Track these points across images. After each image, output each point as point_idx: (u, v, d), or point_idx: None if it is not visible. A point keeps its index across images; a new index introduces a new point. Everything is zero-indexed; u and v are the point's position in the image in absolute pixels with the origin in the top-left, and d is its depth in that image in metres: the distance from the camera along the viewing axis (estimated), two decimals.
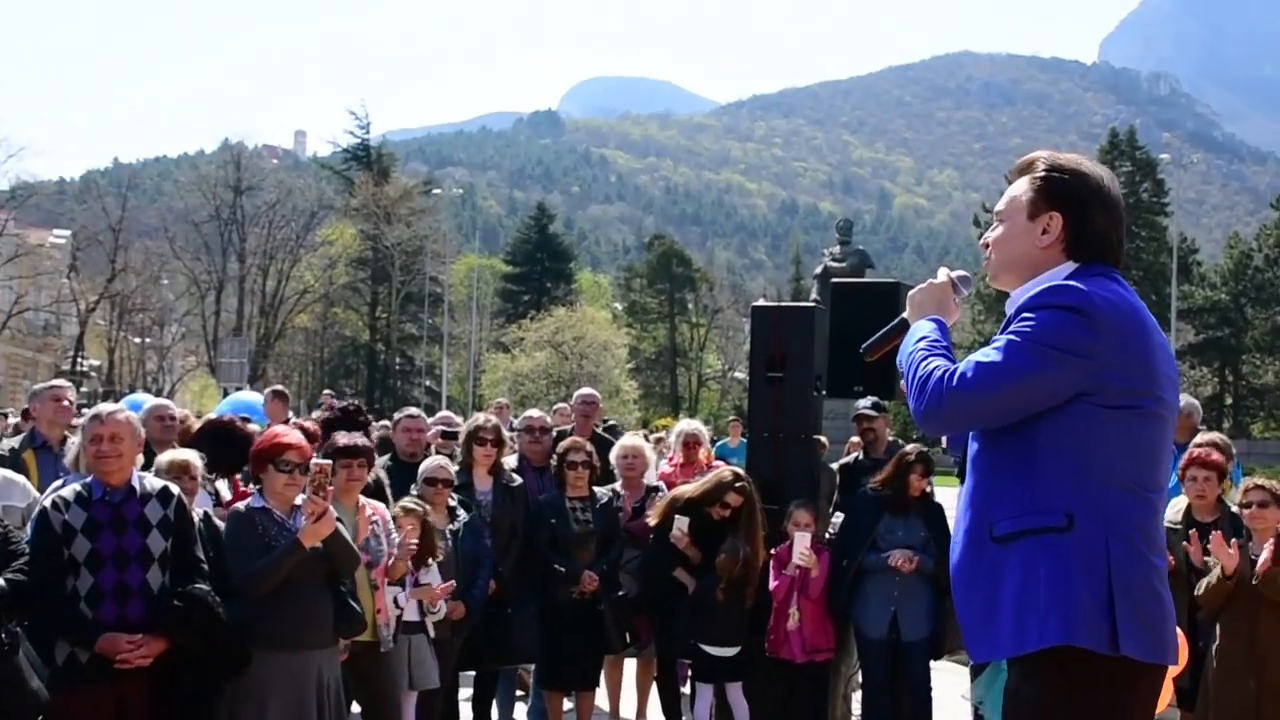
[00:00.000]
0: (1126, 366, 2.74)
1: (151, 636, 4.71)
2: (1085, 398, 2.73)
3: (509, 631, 7.06)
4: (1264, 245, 60.28)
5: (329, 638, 5.28)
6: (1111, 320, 2.74)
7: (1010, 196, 3.03)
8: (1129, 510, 2.74)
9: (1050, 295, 2.79)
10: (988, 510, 2.84)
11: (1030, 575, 2.72)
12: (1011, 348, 2.75)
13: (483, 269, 70.46)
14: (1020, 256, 2.97)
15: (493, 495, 7.36)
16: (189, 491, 5.45)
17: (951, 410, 2.78)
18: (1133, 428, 2.76)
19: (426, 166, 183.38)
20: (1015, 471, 2.81)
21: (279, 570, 5.04)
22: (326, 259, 61.87)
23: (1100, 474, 2.73)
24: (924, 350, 2.92)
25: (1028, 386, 2.73)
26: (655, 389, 70.20)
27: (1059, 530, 2.72)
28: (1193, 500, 6.47)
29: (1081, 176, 2.96)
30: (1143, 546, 2.74)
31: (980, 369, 2.75)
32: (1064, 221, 2.92)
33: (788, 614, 6.97)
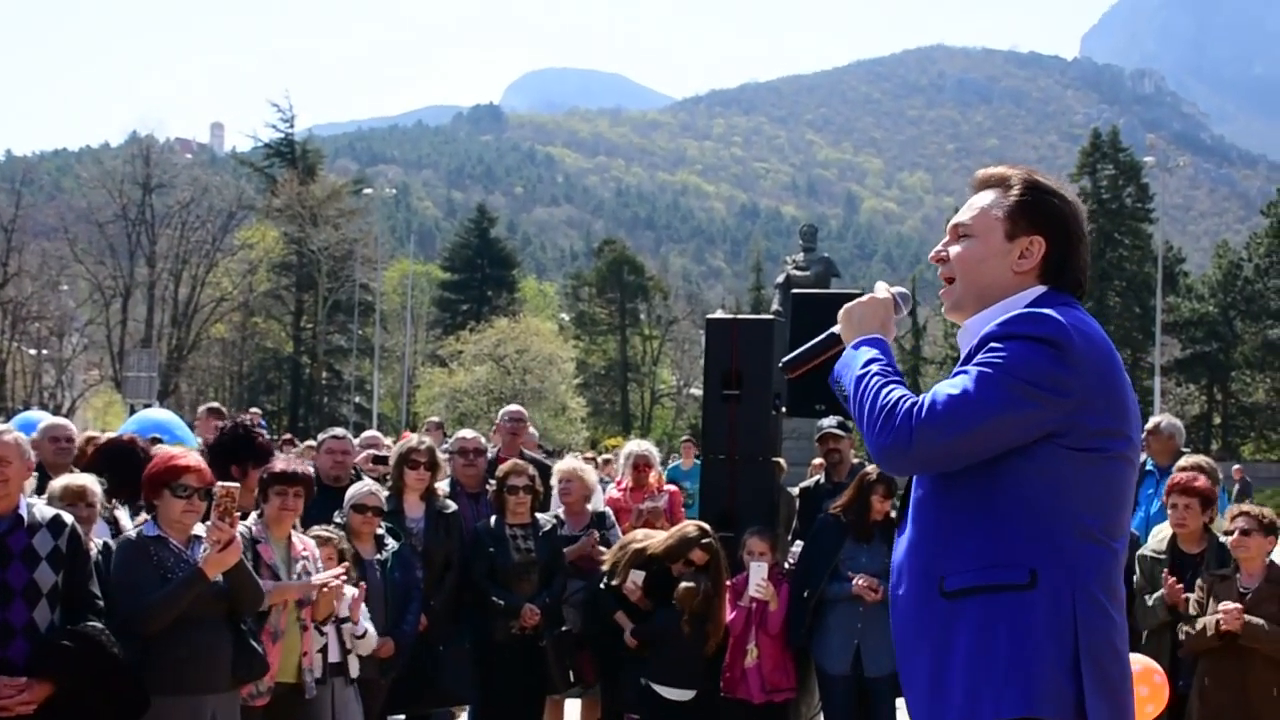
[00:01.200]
0: (1100, 405, 2.67)
1: (36, 680, 4.60)
2: (1053, 439, 2.64)
3: (441, 671, 7.01)
4: (1254, 254, 61.18)
5: (226, 681, 5.19)
6: (1087, 354, 2.66)
7: (980, 209, 2.92)
8: (1095, 563, 2.66)
9: (1022, 324, 2.69)
10: (938, 561, 2.74)
11: (986, 638, 2.62)
12: (983, 381, 2.64)
13: (418, 276, 70.18)
14: (991, 281, 2.87)
15: (425, 523, 7.31)
16: (86, 520, 5.36)
17: (920, 448, 2.65)
18: (1101, 473, 2.68)
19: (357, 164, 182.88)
20: (971, 520, 2.70)
21: (177, 603, 4.95)
22: (246, 264, 61.39)
23: (1066, 524, 2.65)
24: (880, 376, 2.78)
25: (1000, 425, 2.62)
26: (605, 406, 70.16)
27: (1021, 588, 2.62)
28: (1176, 529, 6.52)
29: (1065, 201, 2.90)
30: (1107, 603, 2.66)
31: (951, 403, 2.63)
32: (1046, 247, 2.84)
33: (745, 650, 6.97)
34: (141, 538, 5.17)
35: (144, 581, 5.02)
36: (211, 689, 5.12)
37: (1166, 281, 54.02)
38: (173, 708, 4.94)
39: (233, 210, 61.47)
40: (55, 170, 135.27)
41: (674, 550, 6.99)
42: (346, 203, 64.79)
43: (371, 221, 68.48)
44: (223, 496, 5.00)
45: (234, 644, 5.19)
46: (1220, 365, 60.50)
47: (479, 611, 7.26)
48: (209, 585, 5.02)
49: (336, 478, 7.55)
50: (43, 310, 58.02)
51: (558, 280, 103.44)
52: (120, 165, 63.08)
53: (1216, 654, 5.95)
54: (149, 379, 35.15)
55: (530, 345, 53.74)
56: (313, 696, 5.86)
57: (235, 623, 5.22)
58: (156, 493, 5.20)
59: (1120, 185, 62.91)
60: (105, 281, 59.02)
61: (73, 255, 59.07)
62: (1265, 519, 6.06)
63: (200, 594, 4.99)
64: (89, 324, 61.73)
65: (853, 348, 2.92)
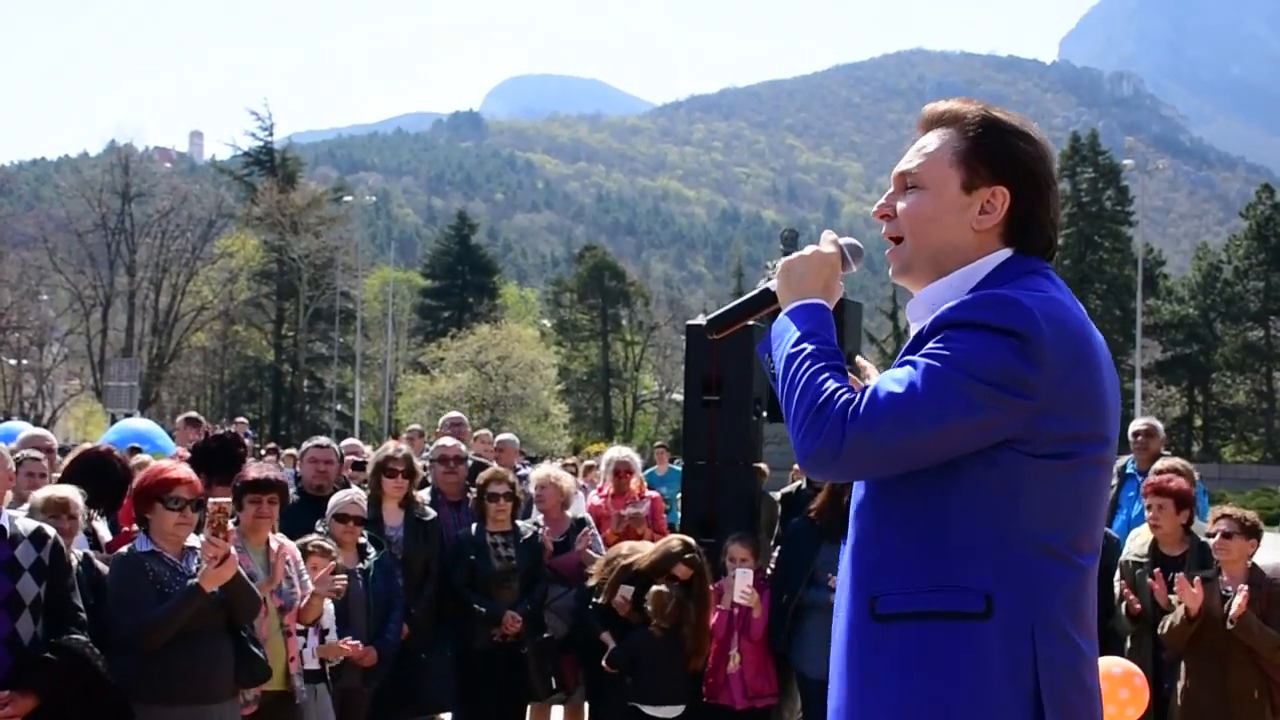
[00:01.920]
0: (1070, 406, 2.26)
1: (19, 693, 4.57)
2: (1014, 444, 2.24)
3: (423, 679, 7.01)
4: (1234, 256, 61.52)
5: (229, 689, 5.21)
6: (1057, 346, 2.24)
7: (929, 155, 2.45)
8: (1058, 584, 2.26)
9: (979, 310, 2.26)
10: (874, 578, 2.33)
11: (926, 677, 2.22)
12: (933, 379, 2.22)
13: (399, 283, 70.08)
14: (946, 241, 2.42)
15: (404, 531, 7.30)
16: (68, 532, 5.33)
17: (852, 456, 2.24)
18: (1069, 481, 2.27)
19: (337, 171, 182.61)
20: (915, 532, 2.29)
21: (177, 619, 4.96)
22: (226, 272, 61.23)
23: (1026, 540, 2.24)
24: (812, 362, 2.33)
25: (951, 432, 2.21)
26: (587, 412, 70.21)
27: (974, 617, 2.22)
28: (1152, 530, 6.55)
29: (1032, 141, 2.44)
30: (1072, 630, 2.27)
31: (892, 403, 2.22)
32: (1011, 199, 2.40)
33: (728, 656, 6.97)
34: (135, 553, 5.15)
35: (141, 597, 5.00)
36: (215, 698, 5.14)
37: (1146, 284, 54.29)
38: (181, 717, 4.96)
39: (212, 219, 61.32)
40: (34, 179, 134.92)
41: (658, 565, 6.97)
42: (327, 210, 64.71)
43: (352, 229, 68.41)
44: (215, 512, 5.00)
45: (235, 651, 5.20)
46: (1200, 367, 60.84)
47: (460, 619, 7.26)
48: (211, 595, 5.02)
49: (319, 487, 7.54)
50: (22, 320, 57.70)
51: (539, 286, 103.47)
52: (99, 174, 62.91)
53: (1198, 657, 5.97)
54: (130, 388, 35.04)
55: (512, 352, 53.77)
56: (303, 701, 5.86)
57: (235, 631, 5.23)
58: (148, 506, 5.18)
59: (1100, 188, 63.27)
60: (85, 291, 58.79)
61: (52, 265, 58.82)
62: (1247, 521, 6.08)
63: (201, 604, 5.00)
64: (69, 333, 61.50)
65: (787, 314, 2.47)
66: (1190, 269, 65.57)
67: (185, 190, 63.54)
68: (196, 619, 5.01)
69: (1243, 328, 60.42)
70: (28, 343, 59.45)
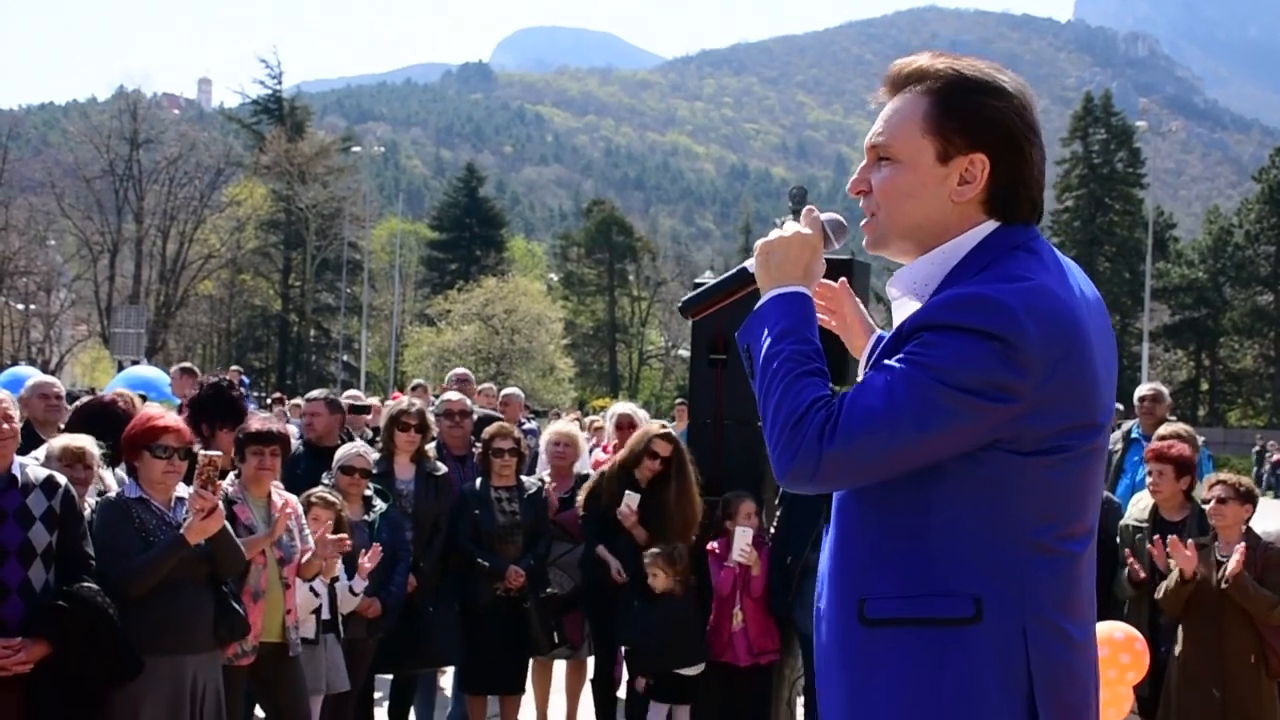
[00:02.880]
0: (1060, 401, 2.16)
1: (32, 640, 4.62)
2: (1000, 444, 2.15)
3: (429, 632, 7.05)
4: (1245, 220, 61.34)
5: (208, 642, 5.20)
6: (1043, 344, 2.12)
7: (900, 126, 2.30)
8: (1048, 579, 2.19)
9: (960, 312, 2.13)
10: (860, 579, 2.26)
11: (920, 683, 2.17)
12: (911, 389, 2.11)
13: (406, 235, 70.03)
14: (925, 217, 2.28)
15: (415, 485, 7.34)
16: (84, 481, 5.34)
17: (826, 474, 2.16)
18: (1058, 477, 2.19)
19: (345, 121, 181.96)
20: (899, 531, 2.22)
21: (159, 570, 4.96)
22: (234, 221, 61.23)
23: (1015, 539, 2.17)
24: (791, 364, 2.23)
25: (932, 442, 2.12)
26: (593, 367, 70.32)
27: (964, 622, 2.15)
28: (1153, 495, 6.58)
29: (1007, 96, 2.26)
30: (1064, 623, 2.20)
31: (869, 419, 2.13)
32: (991, 166, 2.24)
33: (731, 614, 7.02)
34: (123, 499, 5.16)
35: (125, 544, 5.01)
36: (192, 649, 5.11)
37: (1156, 247, 54.13)
38: (153, 668, 4.94)
39: (220, 167, 61.26)
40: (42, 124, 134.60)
41: (635, 448, 7.17)
42: (335, 160, 64.56)
43: (360, 179, 68.27)
44: (205, 465, 5.00)
45: (215, 606, 5.20)
46: (1209, 331, 60.77)
47: (464, 573, 7.30)
48: (191, 551, 5.04)
49: (319, 438, 7.59)
50: (30, 265, 57.74)
51: (546, 240, 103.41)
52: (107, 120, 62.74)
53: (1195, 620, 6.02)
54: (137, 335, 35.12)
55: (518, 305, 53.80)
56: (297, 654, 5.90)
57: (216, 585, 5.23)
58: (136, 454, 5.18)
59: (1112, 150, 62.96)
60: (93, 237, 58.81)
61: (60, 210, 58.83)
62: (1242, 486, 6.11)
63: (185, 555, 5.00)
64: (76, 280, 61.56)
65: (764, 305, 2.35)
66: (1201, 232, 65.40)
67: (193, 138, 63.39)
68: (179, 571, 5.01)
69: (1252, 292, 60.32)
70: (35, 288, 59.50)
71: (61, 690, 4.71)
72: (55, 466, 5.19)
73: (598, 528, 7.29)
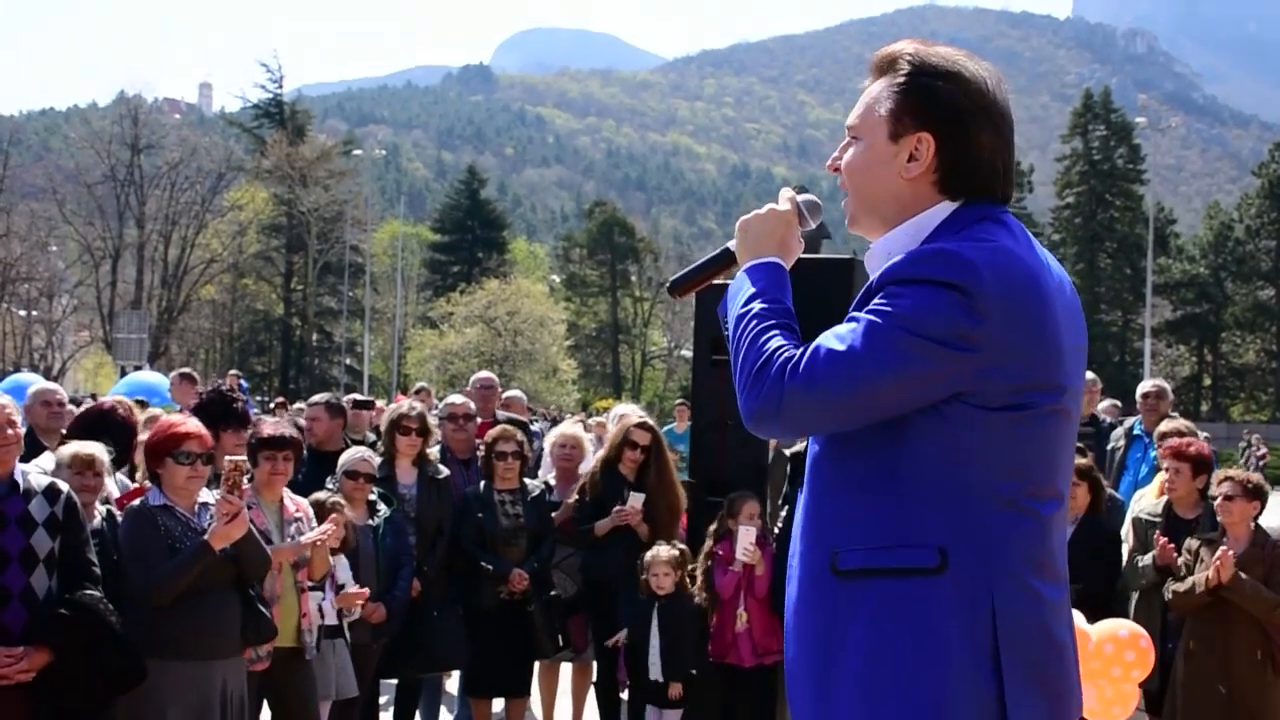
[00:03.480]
0: (1020, 356, 2.23)
1: (34, 648, 4.62)
2: (964, 398, 2.22)
3: (434, 636, 7.04)
4: (1245, 215, 61.33)
5: (236, 646, 5.25)
6: (1001, 297, 2.21)
7: (865, 106, 2.45)
8: (1017, 537, 2.25)
9: (925, 265, 2.24)
10: (831, 533, 2.33)
11: (886, 631, 2.24)
12: (873, 334, 2.21)
13: (408, 237, 70.04)
14: (882, 192, 2.41)
15: (417, 489, 7.33)
16: (93, 489, 5.35)
17: (790, 412, 2.25)
18: (1024, 433, 2.26)
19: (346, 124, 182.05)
20: (870, 487, 2.30)
21: (186, 576, 4.98)
22: (236, 225, 61.23)
23: (982, 494, 2.24)
24: (758, 319, 2.36)
25: (892, 387, 2.21)
26: (596, 368, 70.32)
27: (929, 572, 2.23)
28: (1168, 494, 6.57)
29: (961, 80, 2.38)
30: (1034, 581, 2.26)
31: (832, 360, 2.22)
32: (936, 144, 2.36)
33: (736, 615, 7.01)
34: (148, 507, 5.17)
35: (152, 552, 5.03)
36: (221, 654, 5.15)
37: (1157, 243, 54.11)
38: (183, 673, 4.99)
39: (222, 171, 61.26)
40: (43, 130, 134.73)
41: (615, 441, 7.47)
42: (336, 164, 64.53)
43: (361, 182, 68.30)
44: (231, 470, 5.03)
45: (242, 609, 5.23)
46: (1211, 326, 60.74)
47: (468, 577, 7.30)
48: (221, 552, 5.05)
49: (320, 442, 7.58)
50: (32, 271, 57.71)
51: (548, 242, 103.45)
52: (108, 125, 62.78)
53: (1201, 618, 6.00)
54: (139, 341, 35.15)
55: (521, 307, 53.80)
56: (313, 657, 5.91)
57: (243, 588, 5.26)
58: (159, 461, 5.21)
59: (1112, 146, 62.97)
60: (94, 243, 58.81)
61: (61, 216, 58.81)
62: (1250, 483, 6.09)
63: (211, 560, 5.02)
64: (78, 285, 61.57)
65: (742, 274, 2.49)
66: (1201, 228, 65.38)
67: (194, 142, 63.40)
68: (206, 576, 5.04)
69: (1253, 287, 60.31)
70: (37, 294, 59.48)
71: (66, 698, 4.70)
72: (64, 474, 5.20)
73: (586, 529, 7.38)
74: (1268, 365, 61.06)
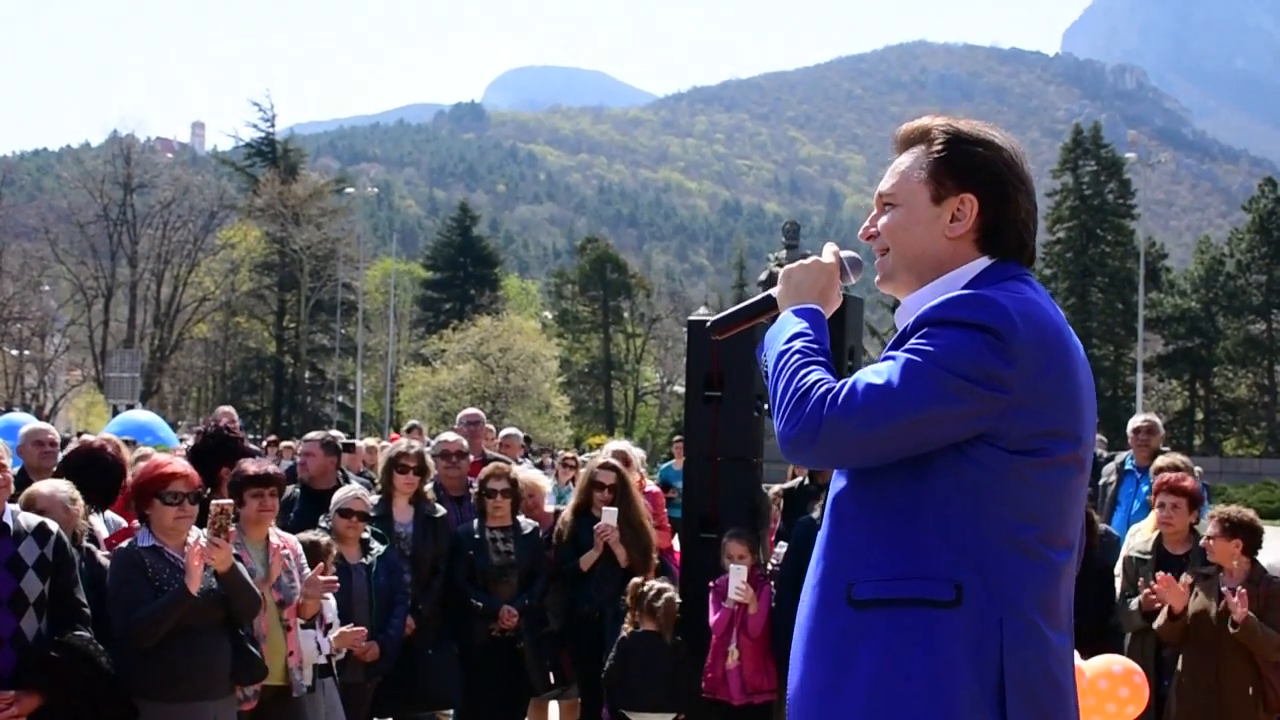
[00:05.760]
0: (1044, 402, 2.36)
1: (23, 691, 4.58)
2: (987, 439, 2.34)
3: (428, 674, 7.03)
4: (1236, 250, 61.45)
5: (225, 686, 5.24)
6: (1031, 344, 2.35)
7: (901, 173, 2.61)
8: (1029, 580, 2.36)
9: (957, 308, 2.38)
10: (849, 565, 2.43)
11: (897, 659, 2.32)
12: (909, 371, 2.33)
13: (400, 274, 70.06)
14: (923, 251, 2.56)
15: (414, 527, 7.33)
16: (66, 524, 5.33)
17: (829, 441, 2.35)
18: (1041, 478, 2.37)
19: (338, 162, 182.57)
20: (891, 522, 2.40)
21: (167, 618, 4.96)
22: (228, 263, 61.30)
23: (998, 534, 2.34)
24: (800, 355, 2.47)
25: (925, 422, 2.32)
26: (588, 404, 70.24)
27: (944, 604, 2.32)
28: (1163, 529, 6.57)
29: (995, 148, 2.56)
30: (1042, 624, 2.36)
31: (870, 393, 2.33)
32: (979, 205, 2.52)
33: (726, 652, 6.99)
34: (135, 549, 5.16)
35: (136, 594, 5.01)
36: (212, 695, 5.15)
37: (1149, 277, 54.22)
38: (174, 714, 4.97)
39: (214, 210, 61.35)
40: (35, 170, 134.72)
41: (584, 484, 7.65)
42: (328, 201, 64.69)
43: (353, 220, 68.35)
44: (217, 514, 5.02)
45: (232, 649, 5.22)
46: (1202, 361, 60.77)
47: (461, 614, 7.29)
48: (210, 592, 5.04)
49: (312, 480, 7.58)
50: (24, 311, 57.76)
51: (540, 278, 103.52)
52: (101, 165, 62.88)
53: (1193, 653, 5.99)
54: (131, 379, 35.10)
55: (513, 343, 53.73)
56: (301, 695, 5.88)
57: (233, 628, 5.25)
58: (147, 502, 5.21)
59: (1102, 181, 63.16)
60: (87, 282, 58.83)
61: (54, 255, 58.90)
62: (1229, 521, 6.02)
63: (198, 602, 5.00)
64: (71, 324, 61.56)
65: (783, 317, 2.63)
66: (1192, 262, 65.47)
67: (187, 181, 63.50)
68: (195, 616, 5.02)
69: (1245, 321, 60.36)
70: (29, 333, 59.54)
71: None
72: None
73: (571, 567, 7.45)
74: (1260, 400, 61.10)
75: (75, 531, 5.52)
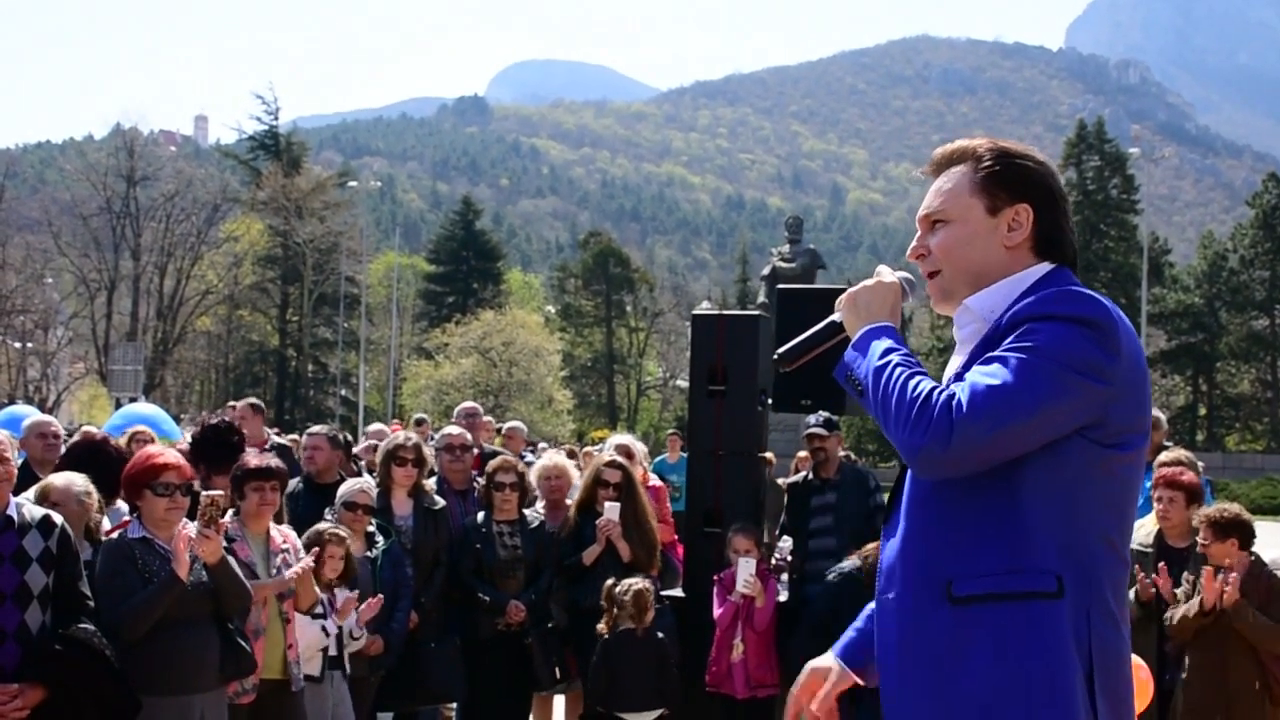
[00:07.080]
0: (1132, 397, 2.45)
1: (28, 685, 4.56)
2: (1084, 432, 2.40)
3: (431, 668, 7.02)
4: (1239, 245, 61.35)
5: (214, 680, 5.19)
6: (1126, 338, 2.43)
7: (948, 192, 2.66)
8: (1108, 568, 2.46)
9: (1059, 304, 2.43)
10: (942, 563, 2.47)
11: (1015, 650, 2.37)
12: (1025, 368, 2.36)
13: (403, 268, 70.00)
14: (984, 262, 2.60)
15: (413, 520, 7.32)
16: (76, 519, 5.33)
17: (961, 445, 2.34)
18: (1124, 472, 2.46)
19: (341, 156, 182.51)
20: (988, 518, 2.43)
21: (154, 611, 4.94)
22: (231, 256, 61.22)
23: (1087, 525, 2.43)
24: (903, 367, 2.48)
25: (1045, 417, 2.35)
26: (591, 398, 70.22)
27: (1049, 596, 2.39)
28: (1161, 523, 6.55)
29: (1040, 162, 2.66)
30: (1117, 613, 2.47)
31: (992, 394, 2.34)
32: (1034, 214, 2.60)
33: (731, 645, 6.98)
34: (125, 540, 5.14)
35: (127, 585, 4.99)
36: (199, 689, 5.10)
37: (1152, 272, 54.17)
38: (161, 708, 4.93)
39: (217, 203, 61.28)
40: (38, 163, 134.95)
41: (589, 482, 7.46)
42: (331, 195, 64.54)
43: (356, 214, 68.29)
44: (207, 505, 5.00)
45: (221, 643, 5.19)
46: (1205, 356, 60.68)
47: (466, 608, 7.28)
48: (199, 585, 5.02)
49: (317, 473, 7.58)
50: (27, 304, 57.70)
51: (543, 272, 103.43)
52: (104, 158, 62.76)
53: (1200, 648, 5.98)
54: (134, 372, 35.01)
55: (516, 337, 53.72)
56: (299, 689, 5.86)
57: (222, 622, 5.22)
58: (138, 493, 5.18)
59: (1105, 176, 63.03)
60: (90, 275, 58.79)
61: (57, 248, 58.86)
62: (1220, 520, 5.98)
63: (186, 595, 4.99)
64: (74, 317, 61.55)
65: (863, 336, 2.62)
66: (1196, 257, 65.38)
67: (190, 174, 63.45)
68: (184, 608, 5.00)
69: (1248, 317, 60.27)
70: (32, 326, 59.49)
71: None
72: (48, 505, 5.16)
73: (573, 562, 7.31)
74: (1263, 395, 61.02)
75: (89, 525, 5.54)
